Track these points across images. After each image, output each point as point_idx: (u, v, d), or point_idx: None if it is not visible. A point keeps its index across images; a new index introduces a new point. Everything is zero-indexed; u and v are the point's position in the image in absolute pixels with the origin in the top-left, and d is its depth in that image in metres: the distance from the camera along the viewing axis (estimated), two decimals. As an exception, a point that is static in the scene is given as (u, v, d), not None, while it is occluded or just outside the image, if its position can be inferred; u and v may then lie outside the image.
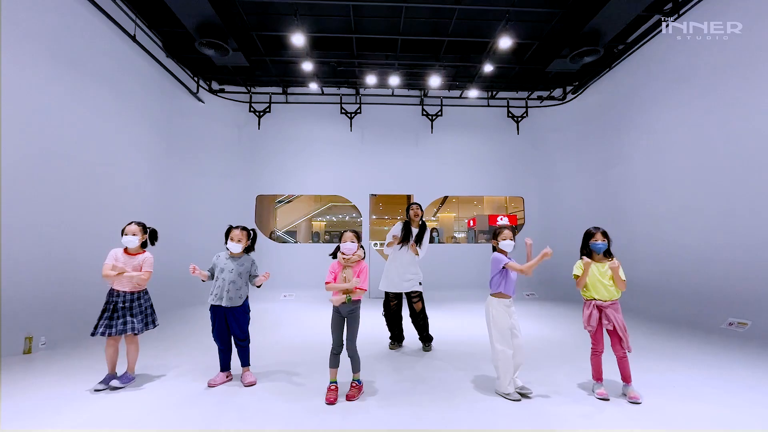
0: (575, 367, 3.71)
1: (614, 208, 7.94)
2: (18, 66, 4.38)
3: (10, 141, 4.25)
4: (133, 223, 3.34)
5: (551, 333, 5.30)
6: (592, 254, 3.10)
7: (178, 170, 7.85)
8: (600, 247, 3.04)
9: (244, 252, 3.40)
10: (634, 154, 7.44)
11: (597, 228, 3.10)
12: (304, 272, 8.87)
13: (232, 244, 3.31)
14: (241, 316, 3.31)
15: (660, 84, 6.74)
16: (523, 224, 9.84)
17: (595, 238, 3.06)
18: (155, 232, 3.50)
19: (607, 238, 3.07)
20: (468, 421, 2.57)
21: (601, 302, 3.00)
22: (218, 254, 3.39)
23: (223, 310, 3.26)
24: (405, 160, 9.60)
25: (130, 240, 3.27)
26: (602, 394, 2.92)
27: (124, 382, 3.16)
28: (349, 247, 3.09)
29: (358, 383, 3.04)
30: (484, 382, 3.30)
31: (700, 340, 4.78)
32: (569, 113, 9.44)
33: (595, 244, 3.05)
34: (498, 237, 3.20)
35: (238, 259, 3.35)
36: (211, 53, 6.43)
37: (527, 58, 7.80)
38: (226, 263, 3.31)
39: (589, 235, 3.12)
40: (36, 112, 4.61)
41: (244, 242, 3.35)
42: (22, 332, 4.11)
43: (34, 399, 2.88)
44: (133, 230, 3.30)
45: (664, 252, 6.56)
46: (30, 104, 4.53)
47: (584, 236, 3.15)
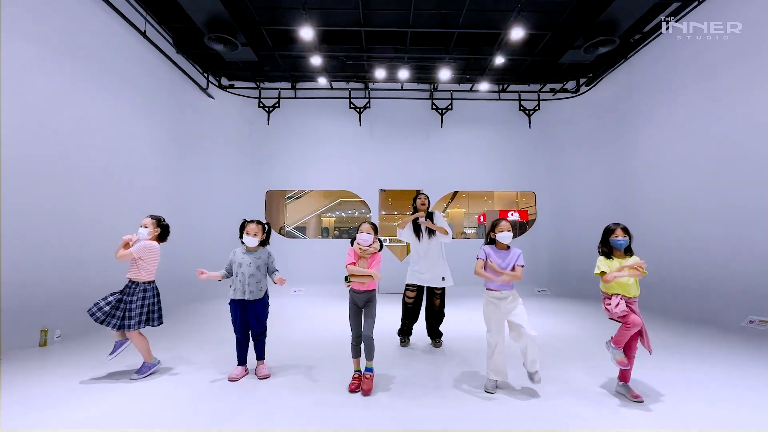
0: (592, 365, 3.62)
1: (629, 203, 7.74)
2: (26, 63, 4.42)
3: (25, 136, 4.32)
4: (149, 216, 3.43)
5: (565, 330, 5.21)
6: (612, 251, 2.98)
7: (188, 166, 7.91)
8: (621, 243, 2.92)
9: (260, 245, 3.44)
10: (650, 148, 7.23)
11: (617, 224, 2.98)
12: (314, 267, 8.89)
13: (247, 238, 3.34)
14: (260, 310, 3.36)
15: (679, 75, 6.51)
16: (535, 219, 9.69)
17: (616, 235, 2.94)
18: (167, 227, 3.54)
19: (628, 234, 2.95)
20: (476, 419, 2.53)
21: (627, 298, 2.88)
22: (234, 250, 3.41)
23: (243, 303, 3.30)
24: (414, 155, 9.51)
25: (141, 232, 3.36)
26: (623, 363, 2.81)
27: (143, 373, 3.23)
28: (364, 239, 3.14)
29: (370, 371, 3.05)
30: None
31: (720, 338, 4.64)
32: (583, 106, 9.22)
33: (616, 240, 2.93)
34: (495, 229, 3.13)
35: (254, 252, 3.39)
36: (220, 48, 6.43)
37: (540, 50, 7.62)
38: (243, 258, 3.33)
39: (609, 231, 2.99)
40: (47, 109, 4.66)
41: (259, 236, 3.39)
42: (37, 325, 4.19)
43: (50, 391, 2.93)
44: (145, 222, 3.40)
45: (681, 248, 6.37)
46: (40, 100, 4.58)
47: (604, 232, 3.02)
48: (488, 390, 2.95)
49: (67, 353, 3.92)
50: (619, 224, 2.97)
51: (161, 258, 3.44)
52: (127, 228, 5.74)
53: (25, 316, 4.14)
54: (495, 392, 2.95)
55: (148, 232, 3.38)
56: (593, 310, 6.75)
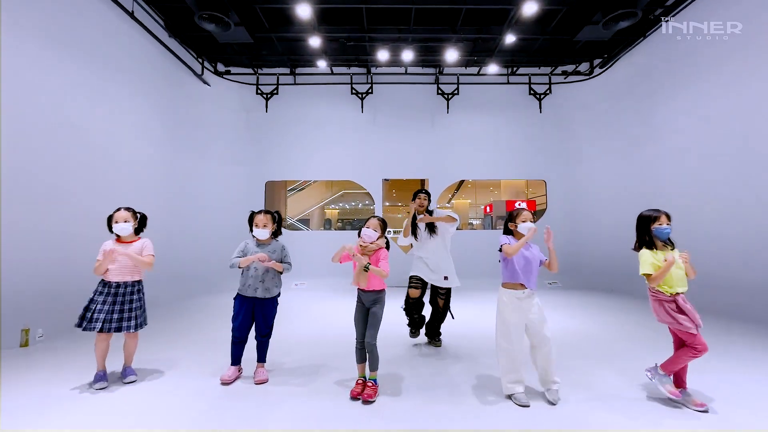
0: (612, 365, 3.28)
1: (647, 192, 7.29)
2: (9, 49, 4.07)
3: (4, 129, 3.98)
4: (122, 209, 3.06)
5: (579, 325, 4.86)
6: (653, 241, 2.59)
7: (183, 156, 7.57)
8: (666, 231, 2.54)
9: (273, 237, 3.18)
10: (670, 133, 6.77)
11: (658, 210, 2.59)
12: (317, 260, 8.56)
13: (258, 231, 3.07)
14: (270, 309, 3.11)
15: (702, 56, 6.03)
16: (545, 209, 9.29)
17: (660, 222, 2.55)
18: (145, 217, 3.21)
19: (669, 221, 2.57)
20: (483, 424, 2.20)
21: (683, 294, 2.52)
22: (246, 241, 3.13)
23: (252, 301, 3.03)
24: (419, 143, 9.10)
25: (123, 227, 3.01)
26: (675, 394, 2.48)
27: (131, 374, 2.99)
28: (368, 234, 2.83)
29: (374, 383, 2.74)
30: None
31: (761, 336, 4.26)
32: (597, 89, 8.74)
33: (660, 228, 2.55)
34: (516, 219, 2.74)
35: (267, 246, 3.12)
36: (212, 28, 6.05)
37: (553, 28, 7.14)
38: (255, 252, 3.04)
39: (648, 219, 2.60)
40: (31, 98, 4.31)
41: (270, 226, 3.12)
42: (18, 324, 3.92)
43: (33, 394, 2.69)
44: (125, 216, 3.03)
45: (715, 243, 5.92)
46: (24, 89, 4.23)
47: (641, 220, 2.64)
48: (521, 403, 2.54)
49: (50, 354, 3.65)
50: (660, 210, 2.59)
51: (157, 251, 3.17)
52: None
53: (6, 316, 3.86)
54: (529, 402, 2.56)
55: (132, 226, 3.06)
56: (610, 303, 6.40)
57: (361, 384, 2.74)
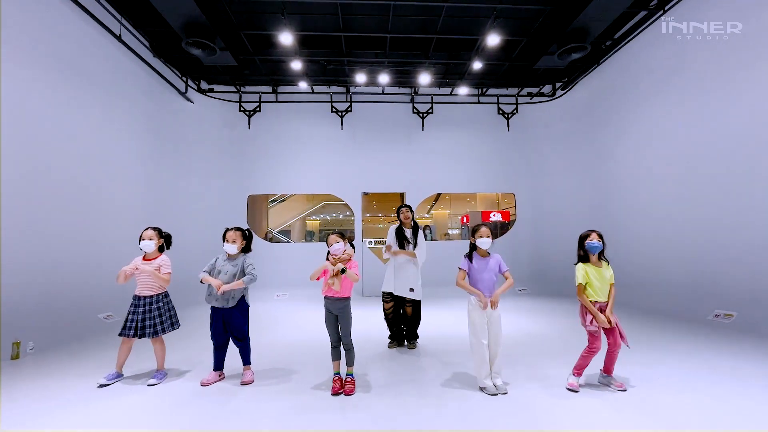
0: (567, 362, 3.76)
1: (604, 204, 8.03)
2: (8, 75, 4.30)
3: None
4: (149, 228, 3.47)
5: (543, 329, 5.37)
6: (588, 256, 3.11)
7: (168, 171, 7.78)
8: (596, 246, 3.06)
9: (242, 252, 3.48)
10: (622, 150, 7.52)
11: (591, 229, 3.14)
12: (297, 271, 8.84)
13: (227, 246, 3.37)
14: (237, 317, 3.36)
15: (649, 80, 6.81)
16: (515, 220, 9.91)
17: (591, 238, 3.09)
18: (170, 236, 3.64)
19: (602, 239, 3.10)
20: (455, 418, 2.60)
21: (602, 303, 3.03)
22: (218, 256, 3.44)
23: (221, 310, 3.33)
24: (397, 158, 9.60)
25: (146, 245, 3.42)
26: (574, 385, 3.00)
27: (159, 378, 3.33)
28: (337, 248, 3.18)
29: (351, 377, 3.11)
30: (472, 379, 3.32)
31: (687, 331, 4.87)
32: (559, 109, 9.51)
33: (591, 243, 3.07)
34: (475, 234, 3.22)
35: (234, 260, 3.41)
36: (198, 53, 6.37)
37: (516, 55, 7.84)
38: (222, 265, 3.37)
39: (584, 236, 3.14)
40: (18, 116, 4.53)
41: (239, 243, 3.40)
42: (9, 337, 4.06)
43: (24, 406, 2.86)
44: (149, 235, 3.45)
45: (653, 246, 6.66)
46: (11, 107, 4.45)
47: (580, 238, 3.17)
48: (489, 392, 2.96)
49: (41, 366, 3.80)
50: (593, 229, 3.14)
51: None
52: (104, 237, 5.62)
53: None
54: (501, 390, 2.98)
55: (155, 244, 3.46)
56: (573, 307, 6.96)
57: (338, 380, 3.08)
